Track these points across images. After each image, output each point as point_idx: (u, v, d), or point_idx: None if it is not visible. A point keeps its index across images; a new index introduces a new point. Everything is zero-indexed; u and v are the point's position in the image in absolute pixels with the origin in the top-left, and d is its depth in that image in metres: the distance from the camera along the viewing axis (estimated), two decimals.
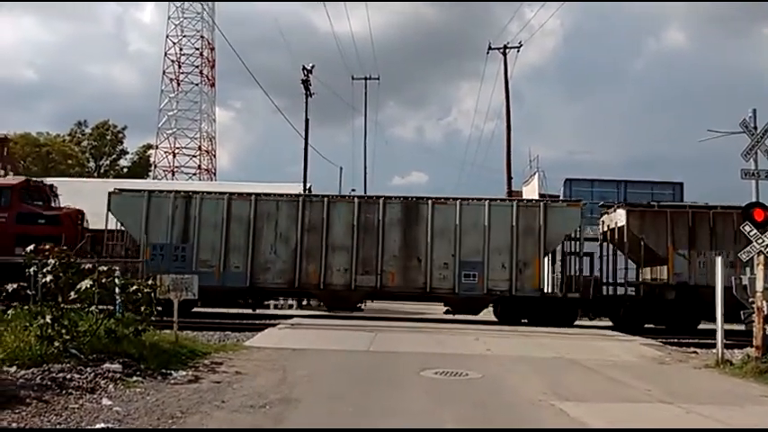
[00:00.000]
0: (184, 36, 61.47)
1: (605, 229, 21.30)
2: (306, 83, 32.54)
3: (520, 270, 18.88)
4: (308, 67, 32.85)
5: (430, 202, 19.39)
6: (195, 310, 18.00)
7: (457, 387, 8.61)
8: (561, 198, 29.02)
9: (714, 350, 11.67)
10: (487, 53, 34.20)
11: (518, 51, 33.87)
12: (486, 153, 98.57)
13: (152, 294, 9.72)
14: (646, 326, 19.23)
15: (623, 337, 15.36)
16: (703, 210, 19.67)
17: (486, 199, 19.67)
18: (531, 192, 35.47)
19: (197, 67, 61.57)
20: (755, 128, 12.94)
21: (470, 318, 19.48)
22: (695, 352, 13.20)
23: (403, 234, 19.20)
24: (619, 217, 20.16)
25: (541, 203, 19.75)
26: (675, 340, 15.39)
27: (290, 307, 25.78)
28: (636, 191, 29.76)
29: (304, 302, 23.04)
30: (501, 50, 33.38)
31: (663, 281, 19.66)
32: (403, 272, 18.99)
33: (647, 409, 7.61)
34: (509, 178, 32.33)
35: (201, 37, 61.42)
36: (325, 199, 19.76)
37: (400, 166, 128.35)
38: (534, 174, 37.60)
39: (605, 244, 21.21)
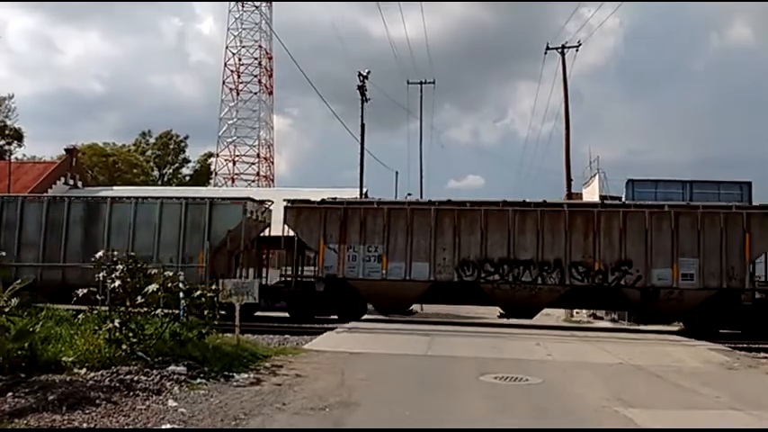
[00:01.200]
0: (243, 46, 62.68)
1: None
2: (362, 88, 32.78)
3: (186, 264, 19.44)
4: (364, 73, 33.11)
5: (108, 200, 20.66)
6: None
7: (517, 392, 8.49)
8: (623, 200, 28.30)
9: None
10: (545, 53, 33.69)
11: (576, 51, 33.24)
12: (543, 155, 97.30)
13: (215, 299, 9.94)
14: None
15: (689, 342, 14.87)
16: (355, 205, 20.13)
17: (159, 198, 20.85)
18: (591, 194, 34.70)
19: (255, 76, 62.65)
20: None
21: (529, 322, 19.21)
22: (766, 357, 12.67)
23: (85, 231, 20.31)
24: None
25: (208, 201, 20.28)
26: (745, 345, 14.81)
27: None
28: (702, 191, 28.68)
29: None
30: (559, 50, 32.80)
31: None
32: (83, 267, 19.25)
33: (716, 416, 7.34)
34: (568, 180, 31.74)
35: (260, 47, 62.54)
36: (19, 199, 21.33)
37: (456, 170, 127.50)
38: (594, 175, 36.79)
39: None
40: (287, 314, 20.23)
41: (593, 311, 27.78)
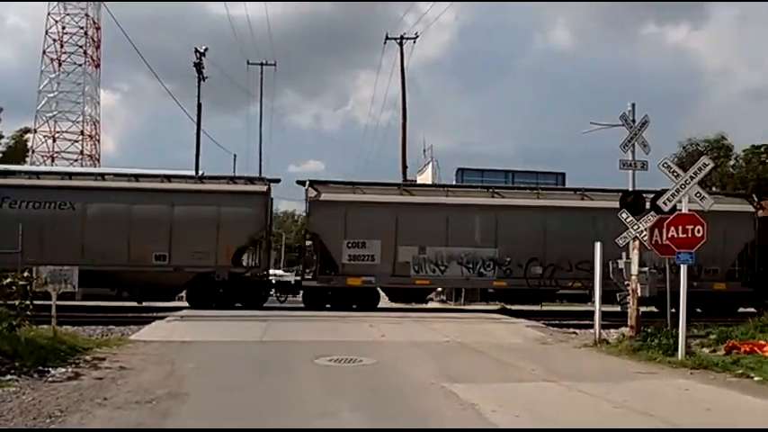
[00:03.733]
0: (67, 14, 57.92)
1: None
2: (198, 66, 31.60)
3: None
4: (201, 50, 31.93)
5: None
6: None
7: (351, 374, 8.65)
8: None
9: (592, 330, 12.35)
10: (384, 43, 34.65)
11: (414, 43, 34.46)
12: (382, 142, 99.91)
13: (28, 287, 9.13)
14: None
15: (508, 320, 16.00)
16: None
17: None
18: (425, 180, 36.16)
19: (81, 46, 58.16)
20: (634, 121, 13.76)
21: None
22: (575, 332, 13.93)
23: None
24: None
25: None
26: (557, 322, 16.17)
27: (181, 299, 24.88)
28: (522, 180, 31.18)
29: None
30: (397, 41, 33.82)
31: None
32: None
33: (532, 387, 7.96)
34: (404, 167, 32.85)
35: (86, 15, 58.01)
36: None
37: (297, 155, 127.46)
38: (428, 163, 38.39)
39: None
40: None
41: None
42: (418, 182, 35.82)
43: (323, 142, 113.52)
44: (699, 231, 9.83)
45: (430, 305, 21.41)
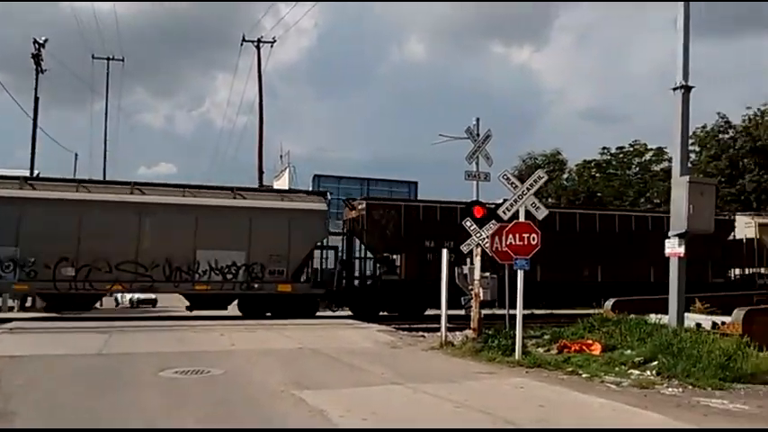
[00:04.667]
0: None
1: None
2: (37, 58, 29.54)
3: None
4: (41, 41, 29.91)
5: None
6: None
7: (198, 385, 8.39)
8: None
9: (439, 333, 12.87)
10: (241, 45, 34.07)
11: (272, 46, 34.24)
12: (238, 146, 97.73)
13: None
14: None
15: (360, 325, 16.30)
16: None
17: None
18: (282, 186, 35.96)
19: None
20: (478, 135, 14.59)
21: (216, 313, 19.16)
22: (423, 336, 14.42)
23: None
24: None
25: None
26: (407, 326, 16.67)
27: (11, 309, 22.89)
28: (377, 188, 31.95)
29: (27, 304, 20.68)
30: (255, 44, 33.40)
31: None
32: None
33: (380, 391, 8.15)
34: (260, 172, 32.47)
35: None
36: None
37: (147, 156, 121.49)
38: (285, 169, 38.25)
39: None
40: None
41: None
42: (275, 187, 35.61)
43: (176, 144, 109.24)
44: (534, 239, 10.54)
45: None
